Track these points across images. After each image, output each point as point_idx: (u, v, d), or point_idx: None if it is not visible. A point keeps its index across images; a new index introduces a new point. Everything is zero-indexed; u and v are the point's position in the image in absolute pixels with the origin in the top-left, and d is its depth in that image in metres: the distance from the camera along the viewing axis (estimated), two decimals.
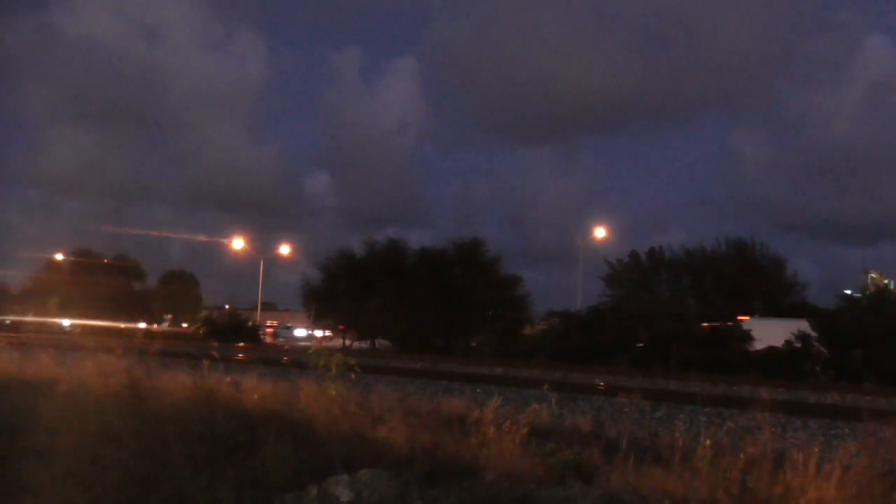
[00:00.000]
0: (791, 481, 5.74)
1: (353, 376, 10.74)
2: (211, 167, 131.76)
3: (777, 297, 36.25)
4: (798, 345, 29.42)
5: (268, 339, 59.25)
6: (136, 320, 60.78)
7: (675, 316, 34.64)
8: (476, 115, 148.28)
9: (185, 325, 66.02)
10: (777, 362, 29.08)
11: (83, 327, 58.30)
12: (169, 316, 79.48)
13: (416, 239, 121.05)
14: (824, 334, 30.04)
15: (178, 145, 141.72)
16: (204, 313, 67.58)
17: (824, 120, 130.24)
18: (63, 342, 32.83)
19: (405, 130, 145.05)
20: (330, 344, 41.71)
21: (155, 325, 67.72)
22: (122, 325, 53.16)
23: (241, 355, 30.32)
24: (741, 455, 5.60)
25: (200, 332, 53.11)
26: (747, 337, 31.24)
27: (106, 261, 77.49)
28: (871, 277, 47.42)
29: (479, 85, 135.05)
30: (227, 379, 11.70)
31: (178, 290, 79.37)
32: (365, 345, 49.22)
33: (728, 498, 5.32)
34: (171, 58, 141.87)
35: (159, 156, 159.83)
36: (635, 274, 42.42)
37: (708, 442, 6.11)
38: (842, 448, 6.92)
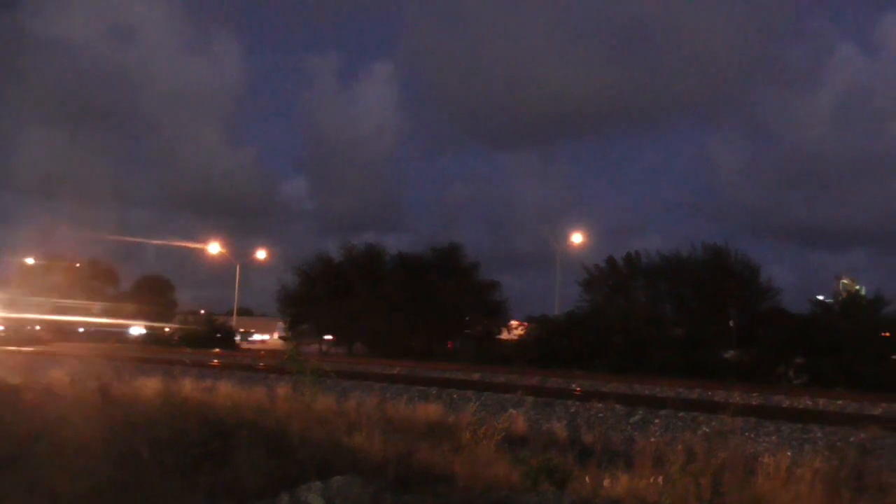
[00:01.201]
0: (762, 486, 5.80)
1: (328, 382, 10.71)
2: (187, 171, 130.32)
3: (752, 302, 36.62)
4: None
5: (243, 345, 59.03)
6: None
7: (651, 321, 34.91)
8: (454, 120, 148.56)
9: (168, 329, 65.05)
10: None
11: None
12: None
13: (394, 243, 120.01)
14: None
15: (154, 149, 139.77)
16: (178, 318, 66.84)
17: (798, 126, 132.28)
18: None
19: (383, 135, 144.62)
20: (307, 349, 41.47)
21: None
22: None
23: (216, 361, 30.05)
24: (712, 460, 5.65)
25: (175, 337, 52.44)
26: None
27: (77, 265, 76.28)
28: (843, 283, 48.10)
29: (457, 89, 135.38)
30: (203, 384, 11.60)
31: (153, 295, 78.32)
32: (342, 349, 48.96)
33: (699, 503, 5.36)
34: (146, 60, 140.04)
35: (134, 159, 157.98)
36: (612, 279, 42.59)
37: (680, 447, 6.14)
38: (813, 452, 7.01)
